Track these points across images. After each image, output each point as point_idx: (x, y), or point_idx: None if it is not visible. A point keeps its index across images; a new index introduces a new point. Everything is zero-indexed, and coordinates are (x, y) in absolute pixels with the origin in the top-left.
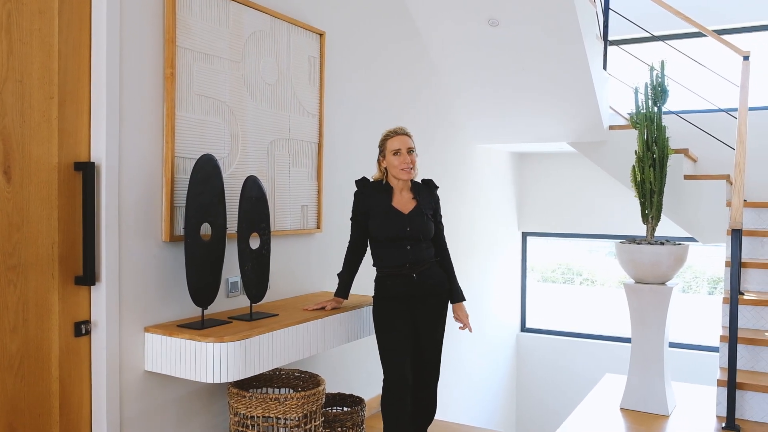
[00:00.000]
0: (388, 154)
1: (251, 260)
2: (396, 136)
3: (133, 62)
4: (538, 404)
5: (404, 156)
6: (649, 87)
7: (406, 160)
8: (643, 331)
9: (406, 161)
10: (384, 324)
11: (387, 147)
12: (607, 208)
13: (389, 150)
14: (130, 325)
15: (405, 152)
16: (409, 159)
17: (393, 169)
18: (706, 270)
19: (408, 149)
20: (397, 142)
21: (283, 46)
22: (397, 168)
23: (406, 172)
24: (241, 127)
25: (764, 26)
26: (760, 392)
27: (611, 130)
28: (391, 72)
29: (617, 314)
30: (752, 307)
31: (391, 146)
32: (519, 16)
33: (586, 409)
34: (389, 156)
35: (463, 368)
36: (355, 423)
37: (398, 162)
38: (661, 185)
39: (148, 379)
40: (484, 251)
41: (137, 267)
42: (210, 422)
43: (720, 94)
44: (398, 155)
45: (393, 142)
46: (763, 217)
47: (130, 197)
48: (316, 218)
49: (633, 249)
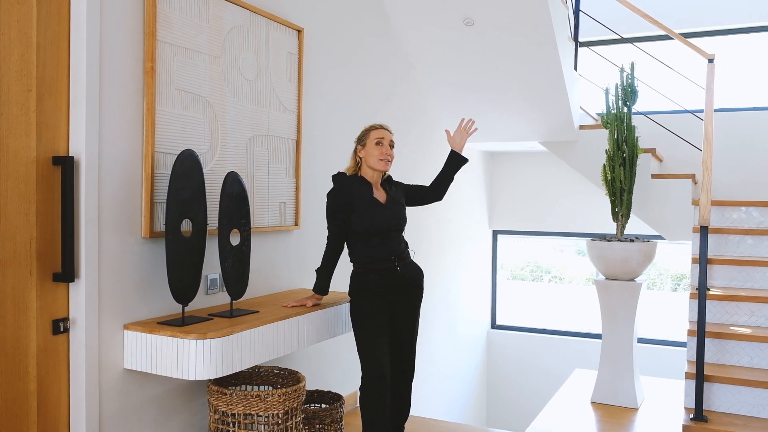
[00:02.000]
0: (370, 143)
1: (232, 256)
2: (381, 128)
3: (113, 55)
4: (509, 400)
5: (386, 147)
6: (620, 88)
7: (388, 151)
8: (614, 326)
9: (387, 152)
10: (364, 320)
11: (370, 136)
12: (576, 207)
13: (372, 139)
14: (109, 323)
15: (387, 144)
16: (389, 150)
17: (371, 159)
18: (670, 267)
19: (391, 142)
20: (381, 132)
21: (263, 41)
22: (376, 157)
23: (383, 162)
24: (220, 122)
25: (729, 30)
26: (727, 384)
27: (581, 130)
28: (368, 69)
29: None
30: (717, 302)
31: (375, 135)
32: (494, 16)
33: (557, 403)
34: (370, 145)
35: (435, 365)
36: (334, 419)
37: (378, 152)
38: (630, 184)
39: (128, 378)
40: (455, 249)
41: (116, 263)
42: (189, 420)
43: (686, 95)
44: (380, 145)
45: (377, 132)
46: (726, 216)
47: (110, 192)
48: (294, 215)
49: (604, 246)
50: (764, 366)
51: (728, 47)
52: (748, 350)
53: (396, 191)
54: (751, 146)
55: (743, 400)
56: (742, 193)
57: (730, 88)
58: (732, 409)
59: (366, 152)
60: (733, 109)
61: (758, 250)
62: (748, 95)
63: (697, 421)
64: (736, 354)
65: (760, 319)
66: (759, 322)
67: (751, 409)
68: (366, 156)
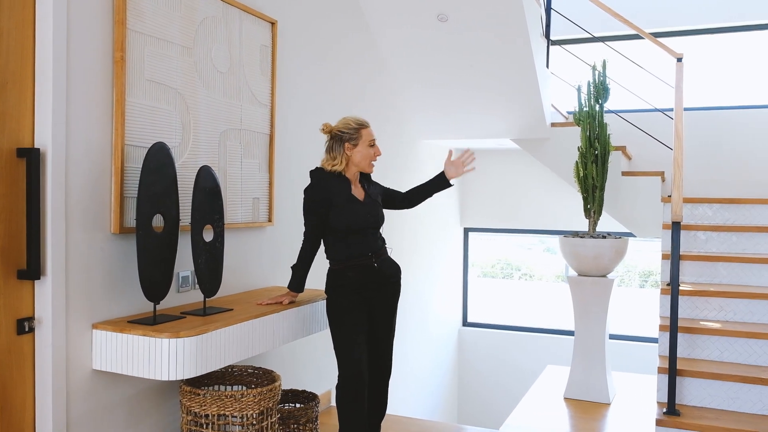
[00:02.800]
0: (363, 144)
1: (205, 253)
2: (369, 127)
3: (81, 44)
4: (480, 397)
5: (376, 149)
6: (592, 85)
7: (378, 153)
8: (586, 322)
9: (378, 154)
10: (341, 317)
11: (363, 136)
12: (547, 204)
13: (366, 139)
14: (77, 322)
15: (377, 145)
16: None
17: (364, 160)
18: (638, 264)
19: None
20: (371, 132)
21: (235, 33)
22: (369, 159)
23: (372, 165)
24: (192, 115)
25: (697, 30)
26: (698, 378)
27: (553, 127)
28: (342, 64)
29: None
30: (687, 297)
31: (368, 136)
32: (468, 12)
33: (531, 399)
34: (364, 146)
35: (407, 363)
36: (310, 419)
37: (371, 153)
38: (602, 181)
39: (96, 379)
40: (426, 247)
41: (85, 260)
42: (161, 422)
43: (655, 94)
44: (373, 147)
45: (369, 132)
46: (695, 212)
47: (78, 186)
48: (268, 211)
49: (576, 242)
50: (733, 360)
51: (696, 47)
52: (717, 344)
53: (374, 189)
54: (718, 145)
55: (714, 394)
56: (709, 191)
57: (696, 87)
58: (703, 403)
59: (357, 152)
60: (699, 108)
61: (726, 246)
62: (715, 95)
63: (669, 415)
64: (706, 348)
65: (728, 313)
66: (728, 316)
67: (722, 402)
68: (355, 155)
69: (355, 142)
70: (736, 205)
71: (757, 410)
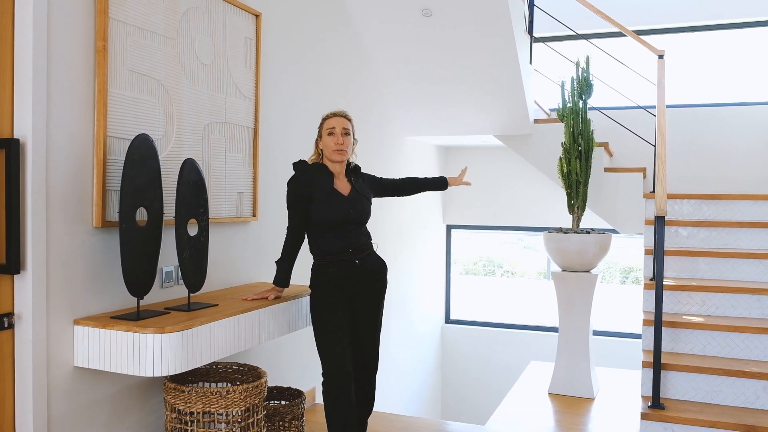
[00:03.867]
0: (324, 134)
1: (189, 248)
2: (334, 117)
3: (62, 32)
4: (463, 393)
5: (337, 136)
6: (575, 82)
7: (339, 140)
8: (570, 317)
9: (338, 141)
10: (323, 314)
11: (323, 126)
12: (530, 201)
13: (325, 129)
14: (58, 318)
15: (339, 133)
16: (342, 140)
17: (326, 150)
18: (619, 260)
19: (343, 130)
20: (333, 121)
21: (219, 24)
22: (330, 148)
23: (337, 153)
24: (176, 107)
25: (679, 28)
26: (681, 372)
27: (536, 124)
28: (326, 58)
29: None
30: (670, 292)
31: (327, 125)
32: (453, 7)
33: (516, 395)
34: (324, 136)
35: (391, 359)
36: (296, 416)
37: (332, 142)
38: (586, 176)
39: (78, 376)
40: (410, 244)
41: (66, 254)
42: (144, 420)
43: (637, 91)
44: (332, 135)
45: (330, 121)
46: (675, 208)
47: (59, 178)
48: (252, 206)
49: (560, 238)
50: (716, 353)
51: (677, 45)
52: (700, 338)
53: (362, 183)
54: (698, 141)
55: (697, 387)
56: (690, 187)
57: (677, 85)
58: (687, 396)
59: (323, 143)
60: (680, 105)
61: (707, 241)
62: (695, 92)
63: (654, 409)
64: (689, 342)
65: (710, 308)
66: (710, 311)
67: (705, 396)
68: (324, 147)
69: (319, 133)
70: (716, 201)
71: (739, 403)
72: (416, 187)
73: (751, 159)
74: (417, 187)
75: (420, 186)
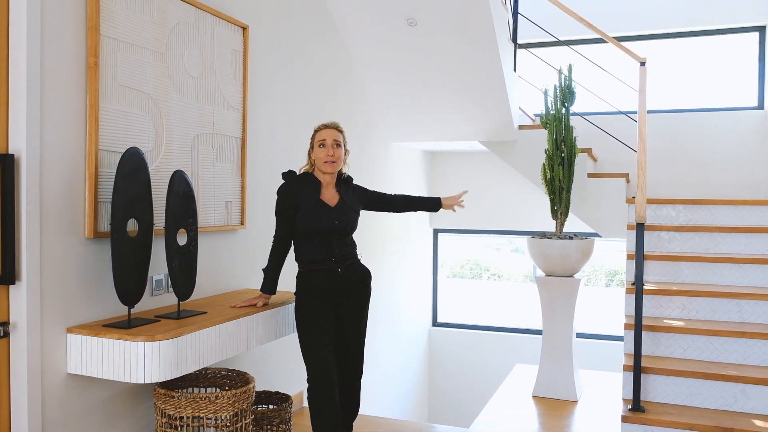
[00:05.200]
0: (315, 146)
1: (179, 257)
2: (325, 129)
3: (54, 50)
4: (451, 396)
5: (328, 148)
6: (558, 89)
7: (330, 152)
8: (554, 321)
9: (329, 153)
10: (307, 321)
11: (315, 138)
12: (515, 206)
13: (316, 141)
14: (51, 326)
15: (330, 144)
16: (332, 152)
17: (318, 161)
18: (604, 263)
19: (334, 141)
20: (324, 133)
21: (207, 38)
22: (321, 160)
23: (328, 164)
24: (165, 120)
25: (660, 34)
26: (661, 375)
27: (521, 130)
28: (313, 68)
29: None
30: (651, 296)
31: (318, 137)
32: (437, 16)
33: (500, 398)
34: (316, 147)
35: (378, 363)
36: (283, 420)
37: (323, 154)
38: (569, 182)
39: (71, 382)
40: (397, 248)
41: (59, 265)
42: (136, 425)
43: (619, 97)
44: (323, 147)
45: (321, 133)
46: (658, 213)
47: (52, 191)
48: (240, 214)
49: (543, 243)
50: (696, 357)
51: (658, 51)
52: (680, 342)
53: (351, 195)
54: (680, 146)
55: (677, 390)
56: (673, 192)
57: (659, 90)
58: (667, 399)
59: (314, 155)
60: (662, 111)
61: (688, 246)
62: (677, 97)
63: (634, 412)
64: (669, 346)
65: (691, 312)
66: (690, 315)
67: (685, 399)
68: (315, 158)
69: (312, 144)
70: (699, 206)
71: (718, 405)
72: (409, 205)
73: (732, 164)
74: (410, 206)
75: (413, 204)
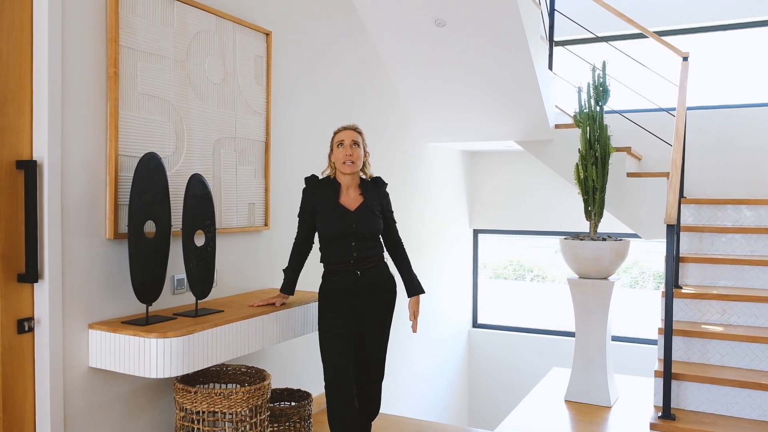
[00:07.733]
0: (334, 147)
1: (196, 257)
2: (343, 130)
3: (76, 62)
4: (489, 398)
5: (346, 148)
6: (591, 87)
7: (348, 152)
8: (587, 324)
9: (347, 153)
10: (325, 320)
11: (334, 140)
12: (555, 205)
13: (335, 142)
14: (73, 322)
15: (348, 144)
16: (351, 151)
17: (337, 162)
18: (652, 266)
19: (352, 142)
20: (342, 134)
21: (229, 45)
22: (340, 160)
23: (347, 165)
24: (186, 125)
25: (703, 28)
26: (694, 382)
27: (557, 129)
28: (339, 70)
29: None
30: (690, 300)
31: (337, 139)
32: (464, 17)
33: (531, 401)
34: (335, 149)
35: (415, 364)
36: (302, 417)
37: (341, 155)
38: (603, 182)
39: (93, 376)
40: (435, 248)
41: (81, 264)
42: (156, 418)
43: (662, 93)
44: (341, 147)
45: (339, 135)
46: (701, 214)
47: (74, 195)
48: (264, 216)
49: (576, 245)
50: (734, 364)
51: (703, 45)
52: (718, 348)
53: (375, 200)
54: (726, 144)
55: (713, 399)
56: (719, 191)
57: (705, 85)
58: (701, 408)
59: (334, 156)
60: (708, 106)
61: (732, 248)
62: (723, 93)
63: (664, 419)
64: (706, 352)
65: (731, 317)
66: (730, 320)
67: (720, 407)
68: (334, 160)
69: (331, 146)
70: (745, 206)
71: (756, 416)
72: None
73: None
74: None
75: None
